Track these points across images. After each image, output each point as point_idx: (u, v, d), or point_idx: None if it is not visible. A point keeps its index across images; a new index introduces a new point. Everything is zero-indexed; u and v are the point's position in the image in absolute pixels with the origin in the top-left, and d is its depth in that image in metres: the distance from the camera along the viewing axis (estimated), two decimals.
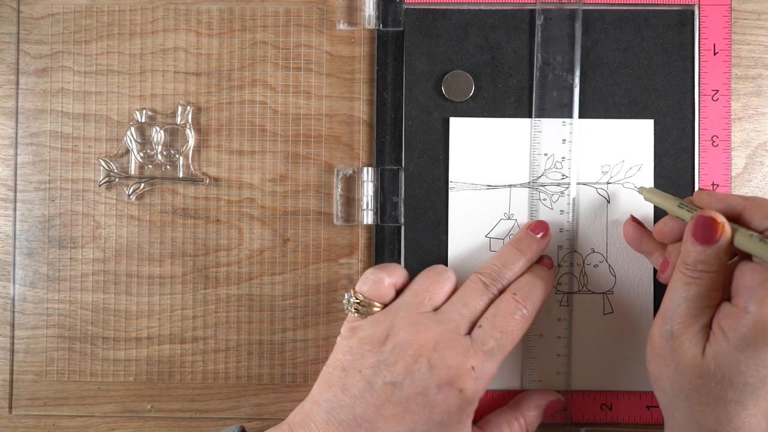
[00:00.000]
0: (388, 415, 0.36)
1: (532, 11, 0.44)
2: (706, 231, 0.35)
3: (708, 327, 0.35)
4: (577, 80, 0.44)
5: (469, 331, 0.38)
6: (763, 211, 0.35)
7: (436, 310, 0.39)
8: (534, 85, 0.44)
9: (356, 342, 0.39)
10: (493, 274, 0.40)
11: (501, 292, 0.40)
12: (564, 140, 0.44)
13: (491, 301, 0.39)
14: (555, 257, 0.43)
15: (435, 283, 0.40)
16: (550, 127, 0.44)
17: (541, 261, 0.42)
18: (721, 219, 0.35)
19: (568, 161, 0.44)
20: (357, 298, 0.40)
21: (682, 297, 0.36)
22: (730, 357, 0.34)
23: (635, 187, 0.44)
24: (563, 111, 0.44)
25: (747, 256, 0.35)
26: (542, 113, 0.44)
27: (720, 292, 0.36)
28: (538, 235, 0.41)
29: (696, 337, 0.35)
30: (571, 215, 0.43)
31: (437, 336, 0.37)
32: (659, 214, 0.44)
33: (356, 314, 0.40)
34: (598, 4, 0.44)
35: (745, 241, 0.35)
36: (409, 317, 0.38)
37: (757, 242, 0.34)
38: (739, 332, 0.34)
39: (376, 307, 0.40)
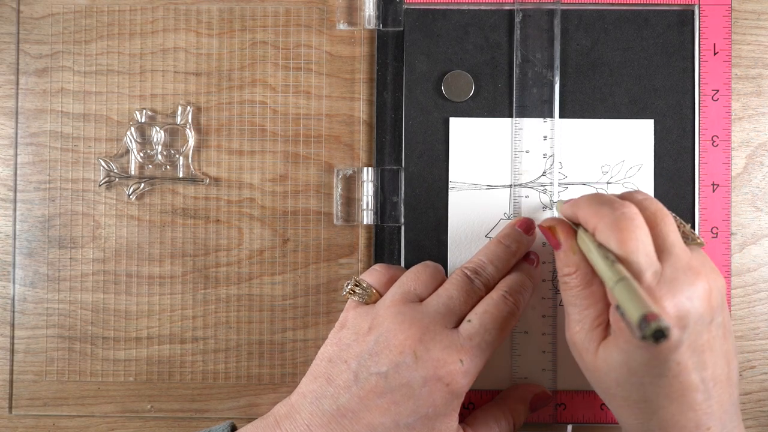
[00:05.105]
0: (372, 406, 0.36)
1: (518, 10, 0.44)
2: (548, 237, 0.38)
3: (596, 329, 0.35)
4: (557, 77, 0.44)
5: (456, 325, 0.38)
6: (583, 215, 0.36)
7: (421, 302, 0.39)
8: (514, 83, 0.44)
9: (344, 333, 0.39)
10: (478, 269, 0.40)
11: (487, 286, 0.40)
12: (545, 137, 0.44)
13: (477, 295, 0.39)
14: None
15: (421, 275, 0.40)
16: (531, 124, 0.44)
17: (526, 258, 0.42)
18: (550, 223, 0.38)
19: (551, 158, 0.44)
20: (356, 282, 0.40)
21: (565, 305, 0.37)
22: (617, 358, 0.34)
23: (636, 187, 0.44)
24: (544, 108, 0.44)
25: None
26: (523, 111, 0.44)
27: (594, 292, 0.36)
28: (525, 232, 0.42)
29: (586, 342, 0.35)
30: (555, 211, 0.44)
31: (423, 328, 0.37)
32: None
33: (352, 296, 0.40)
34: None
35: (580, 242, 0.36)
36: (394, 308, 0.38)
37: (585, 245, 0.35)
38: (618, 335, 0.33)
39: (375, 296, 0.40)
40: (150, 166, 0.45)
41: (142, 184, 0.45)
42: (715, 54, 0.44)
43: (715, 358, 0.34)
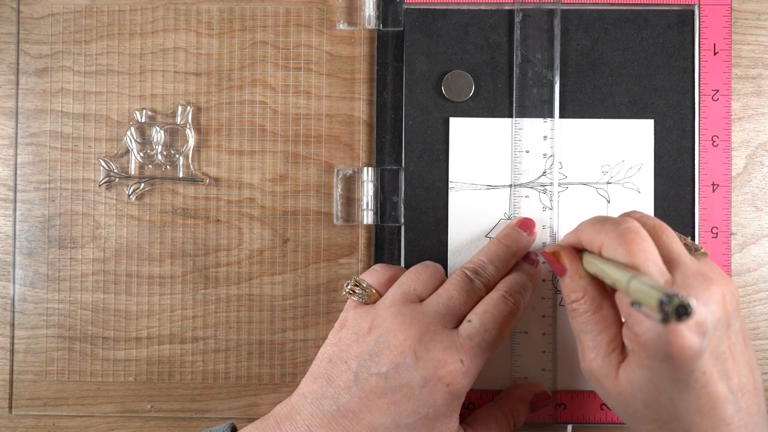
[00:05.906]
0: (372, 407, 0.36)
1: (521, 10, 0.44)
2: (553, 264, 0.37)
3: (612, 353, 0.35)
4: (557, 77, 0.44)
5: (456, 325, 0.38)
6: (586, 237, 0.36)
7: (421, 302, 0.39)
8: (514, 83, 0.44)
9: (343, 334, 0.39)
10: (478, 269, 0.40)
11: (487, 286, 0.40)
12: (545, 137, 0.44)
13: (477, 295, 0.39)
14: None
15: (421, 275, 0.40)
16: (531, 124, 0.44)
17: (526, 258, 0.42)
18: (554, 249, 0.37)
19: (551, 158, 0.44)
20: (356, 282, 0.40)
21: (576, 334, 0.37)
22: (641, 376, 0.33)
23: (636, 187, 0.44)
24: (544, 108, 0.44)
25: None
26: (523, 111, 0.44)
27: (605, 316, 0.35)
28: (525, 232, 0.42)
29: (605, 367, 0.35)
30: (554, 211, 0.44)
31: (423, 328, 0.37)
32: (658, 210, 0.44)
33: (352, 296, 0.40)
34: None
35: (587, 264, 0.36)
36: (394, 308, 0.38)
37: (594, 264, 0.35)
38: (638, 353, 0.33)
39: (375, 296, 0.40)
40: (150, 166, 0.45)
41: (142, 184, 0.45)
42: (715, 54, 0.44)
43: (738, 367, 0.33)
